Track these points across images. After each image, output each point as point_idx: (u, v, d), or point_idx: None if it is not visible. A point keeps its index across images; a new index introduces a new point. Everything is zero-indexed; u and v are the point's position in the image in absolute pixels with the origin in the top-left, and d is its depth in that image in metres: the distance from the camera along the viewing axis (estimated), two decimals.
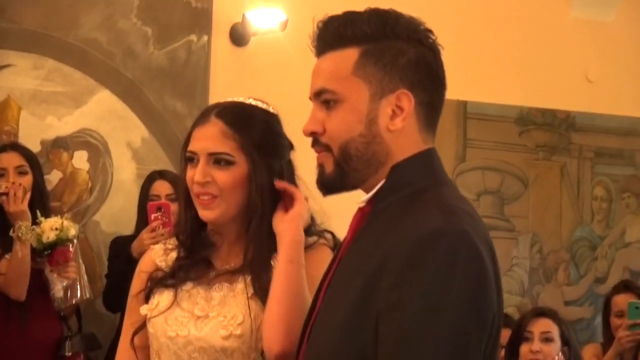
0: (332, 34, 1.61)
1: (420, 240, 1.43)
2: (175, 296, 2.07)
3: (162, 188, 4.11)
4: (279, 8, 4.71)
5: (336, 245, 2.08)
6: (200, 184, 2.01)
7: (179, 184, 3.96)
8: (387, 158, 1.58)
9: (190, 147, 2.04)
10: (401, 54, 1.58)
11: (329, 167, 1.61)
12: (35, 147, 4.25)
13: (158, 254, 2.17)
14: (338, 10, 5.18)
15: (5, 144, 4.08)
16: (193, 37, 4.69)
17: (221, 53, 4.80)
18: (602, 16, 5.66)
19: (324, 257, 2.02)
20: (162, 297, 2.08)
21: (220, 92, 4.63)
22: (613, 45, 5.74)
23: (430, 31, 1.62)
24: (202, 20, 4.70)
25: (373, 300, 1.44)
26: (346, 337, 1.48)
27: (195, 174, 2.01)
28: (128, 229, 4.25)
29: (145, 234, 3.89)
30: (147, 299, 2.11)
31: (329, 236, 2.14)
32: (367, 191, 1.62)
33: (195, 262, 2.10)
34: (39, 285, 3.80)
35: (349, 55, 1.59)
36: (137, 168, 4.55)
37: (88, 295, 3.97)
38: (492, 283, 1.46)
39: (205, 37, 4.71)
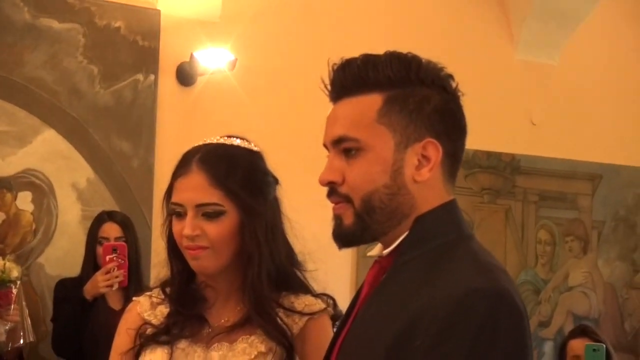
0: (352, 78, 1.57)
1: (459, 300, 1.39)
2: (171, 355, 2.01)
3: (111, 230, 4.14)
4: (227, 48, 4.80)
5: (336, 316, 2.08)
6: (190, 237, 1.97)
7: (128, 226, 4.17)
8: (411, 210, 1.55)
9: (176, 199, 1.99)
10: (426, 101, 1.55)
11: (348, 219, 1.56)
12: None
13: (145, 308, 2.11)
14: (287, 50, 5.33)
15: None
16: (139, 77, 4.72)
17: (168, 93, 4.84)
18: (546, 59, 5.83)
19: (327, 327, 2.04)
20: (156, 356, 2.03)
21: (167, 132, 4.80)
22: (557, 88, 5.91)
23: (451, 77, 1.60)
24: (148, 59, 4.74)
25: None
26: None
27: (183, 228, 1.97)
28: (73, 271, 4.24)
29: (100, 276, 3.92)
30: (137, 357, 2.05)
31: (331, 303, 2.11)
32: (386, 244, 1.58)
33: (188, 318, 2.04)
34: None
35: (373, 102, 1.55)
36: (83, 209, 4.54)
37: (31, 339, 3.95)
38: (531, 342, 1.45)
39: (152, 77, 4.75)
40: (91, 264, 4.12)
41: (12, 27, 4.46)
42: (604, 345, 4.01)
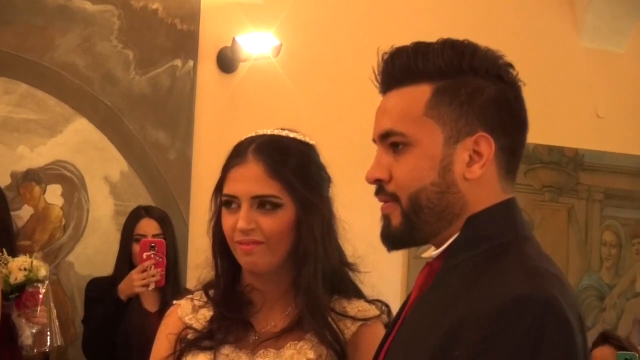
0: (401, 68, 1.57)
1: (503, 308, 1.38)
2: None
3: (148, 227, 4.13)
4: (271, 32, 4.78)
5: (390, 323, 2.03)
6: (245, 231, 1.97)
7: (166, 222, 4.18)
8: (462, 210, 1.54)
9: (229, 191, 2.00)
10: (479, 92, 1.54)
11: (396, 220, 1.55)
12: (4, 180, 4.26)
13: (186, 311, 2.12)
14: (336, 36, 5.30)
15: None
16: (178, 62, 4.72)
17: (208, 80, 4.83)
18: (613, 46, 5.77)
19: (380, 335, 1.95)
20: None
21: (207, 122, 4.82)
22: (624, 78, 5.86)
23: (510, 65, 1.58)
24: (187, 44, 4.74)
25: None
26: None
27: (236, 221, 1.98)
28: (104, 270, 4.26)
29: (135, 275, 3.90)
30: None
31: (385, 310, 2.11)
32: (437, 245, 1.57)
33: (233, 323, 2.04)
34: (6, 332, 3.72)
35: (421, 93, 1.55)
36: (115, 204, 4.55)
37: (59, 343, 3.90)
38: (581, 357, 1.42)
39: (191, 62, 4.75)
40: (126, 262, 4.11)
41: (43, 8, 4.44)
42: (637, 355, 3.91)
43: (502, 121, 1.54)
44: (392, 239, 1.58)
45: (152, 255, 3.92)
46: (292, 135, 2.08)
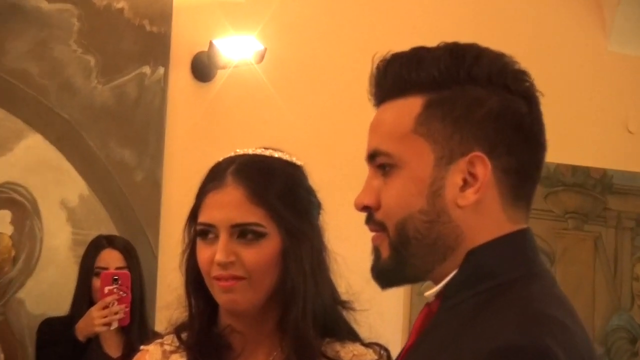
0: (393, 79, 1.56)
1: (489, 356, 1.37)
2: None
3: (111, 259, 4.11)
4: (254, 35, 4.79)
5: None
6: (223, 265, 1.96)
7: (131, 254, 4.24)
8: (457, 242, 1.53)
9: (205, 219, 1.99)
10: (478, 105, 1.52)
11: (385, 252, 1.55)
12: None
13: (155, 358, 2.10)
14: (326, 39, 5.32)
15: None
16: (146, 69, 4.73)
17: (181, 89, 4.86)
18: None
19: None
20: None
21: (180, 137, 4.84)
22: None
23: (523, 73, 1.56)
24: (158, 49, 4.76)
25: None
26: None
27: (214, 253, 1.96)
28: (60, 309, 4.23)
29: (95, 312, 3.89)
30: None
31: (384, 354, 2.10)
32: (436, 282, 1.56)
33: None
34: None
35: (411, 107, 1.55)
36: (74, 233, 4.55)
37: None
38: None
39: (162, 70, 4.77)
40: (85, 299, 4.10)
41: None
42: None
43: (506, 138, 1.52)
44: (382, 274, 1.58)
45: (114, 290, 3.91)
46: (276, 155, 2.08)
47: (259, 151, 2.09)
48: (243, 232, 1.97)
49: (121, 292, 3.91)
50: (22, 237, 4.48)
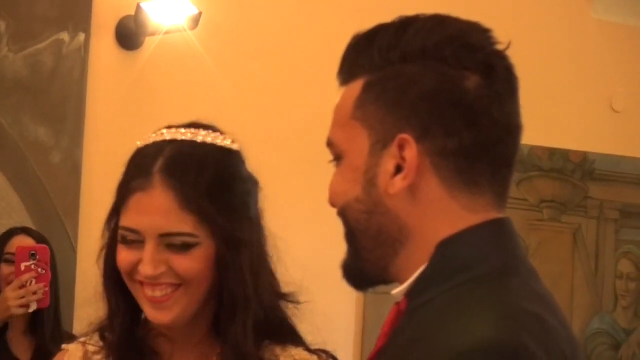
0: (347, 62, 1.65)
1: (461, 354, 1.42)
2: None
3: (24, 244, 4.15)
4: None
5: None
6: (153, 277, 2.00)
7: (46, 242, 4.18)
8: (403, 234, 1.58)
9: (130, 223, 2.01)
10: (411, 84, 1.56)
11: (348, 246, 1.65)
12: None
13: (75, 358, 2.14)
14: (271, 5, 5.18)
15: None
16: (64, 36, 4.77)
17: (104, 58, 4.90)
18: (634, 19, 5.86)
19: None
20: None
21: (102, 113, 4.87)
22: None
23: (471, 45, 1.58)
24: (78, 12, 4.79)
25: None
26: None
27: (137, 259, 2.00)
28: None
29: (11, 292, 3.97)
30: None
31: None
32: (400, 281, 1.61)
33: None
34: None
35: (352, 91, 1.61)
36: None
37: None
38: None
39: (82, 36, 4.80)
40: None
41: None
42: None
43: (443, 118, 1.55)
44: (345, 270, 1.66)
45: (32, 266, 3.98)
46: (209, 139, 2.09)
47: (189, 134, 2.08)
48: (172, 241, 2.00)
49: (39, 269, 3.96)
50: None
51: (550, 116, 5.53)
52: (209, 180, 2.03)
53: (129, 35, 4.92)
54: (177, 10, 4.81)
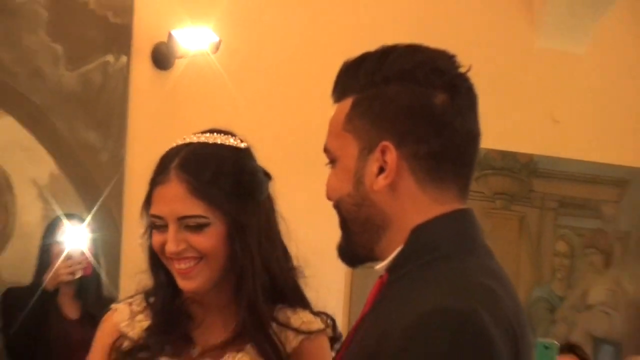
0: (340, 84, 1.68)
1: (419, 320, 1.44)
2: None
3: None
4: (210, 27, 4.84)
5: (335, 338, 2.18)
6: (176, 253, 2.04)
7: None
8: (386, 222, 1.61)
9: (155, 211, 2.06)
10: (390, 101, 1.59)
11: (342, 232, 1.68)
12: None
13: (123, 317, 2.17)
14: (279, 32, 5.37)
15: None
16: (110, 58, 4.75)
17: (142, 77, 4.87)
18: (572, 47, 5.85)
19: (324, 349, 2.14)
20: None
21: (141, 121, 4.87)
22: (583, 81, 5.93)
23: (439, 69, 1.61)
24: (120, 39, 4.77)
25: None
26: None
27: (165, 241, 2.04)
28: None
29: (62, 264, 4.09)
30: None
31: (330, 323, 2.19)
32: (383, 259, 1.64)
33: (171, 337, 2.10)
34: None
35: (344, 107, 1.64)
36: (44, 209, 4.55)
37: None
38: None
39: (124, 58, 4.78)
40: (44, 270, 4.20)
41: None
42: (557, 344, 4.02)
43: (416, 128, 1.58)
44: (340, 252, 1.69)
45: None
46: (220, 141, 2.12)
47: (203, 138, 2.11)
48: (188, 223, 2.03)
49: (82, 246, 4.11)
50: None
51: (503, 126, 5.53)
52: (219, 173, 2.06)
53: (162, 58, 4.90)
54: (202, 38, 4.82)
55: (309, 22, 5.30)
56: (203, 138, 2.12)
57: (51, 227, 4.30)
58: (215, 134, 2.13)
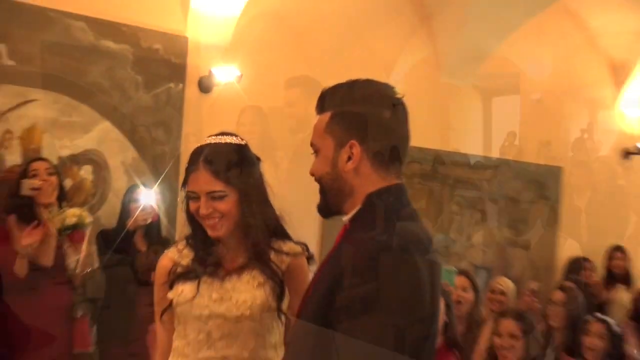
0: (320, 102, 1.66)
1: (370, 251, 1.45)
2: (198, 286, 2.06)
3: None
4: (235, 66, 4.78)
5: (309, 257, 2.14)
6: (206, 215, 2.02)
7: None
8: (351, 191, 1.59)
9: (190, 188, 2.03)
10: (356, 116, 1.57)
11: (320, 196, 1.66)
12: (53, 162, 4.04)
13: (174, 253, 2.14)
14: (283, 69, 5.06)
15: (35, 157, 3.98)
16: (172, 85, 4.67)
17: (192, 98, 4.77)
18: (471, 79, 5.71)
19: (305, 265, 2.11)
20: (186, 286, 2.08)
21: (190, 125, 4.74)
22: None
23: (387, 96, 1.58)
24: (178, 73, 4.70)
25: (337, 292, 1.50)
26: (318, 308, 1.57)
27: (200, 208, 2.01)
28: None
29: (139, 214, 3.96)
30: (171, 287, 2.10)
31: (305, 247, 2.15)
32: (347, 213, 1.62)
33: (207, 263, 2.09)
34: (62, 277, 3.72)
35: (325, 118, 1.62)
36: (128, 180, 4.49)
37: (96, 266, 3.85)
38: (426, 290, 1.47)
39: (181, 85, 4.70)
40: (126, 217, 4.09)
41: (80, 46, 4.39)
42: (455, 269, 3.87)
43: (371, 132, 1.57)
44: (319, 209, 1.68)
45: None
46: (227, 140, 2.05)
47: (217, 139, 2.04)
48: (214, 196, 2.00)
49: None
50: (99, 181, 4.44)
51: (420, 129, 5.36)
52: (229, 163, 2.02)
53: (205, 85, 4.80)
54: (230, 73, 4.75)
55: (302, 62, 5.13)
56: (217, 139, 2.06)
57: (130, 190, 4.16)
58: (225, 135, 2.08)
